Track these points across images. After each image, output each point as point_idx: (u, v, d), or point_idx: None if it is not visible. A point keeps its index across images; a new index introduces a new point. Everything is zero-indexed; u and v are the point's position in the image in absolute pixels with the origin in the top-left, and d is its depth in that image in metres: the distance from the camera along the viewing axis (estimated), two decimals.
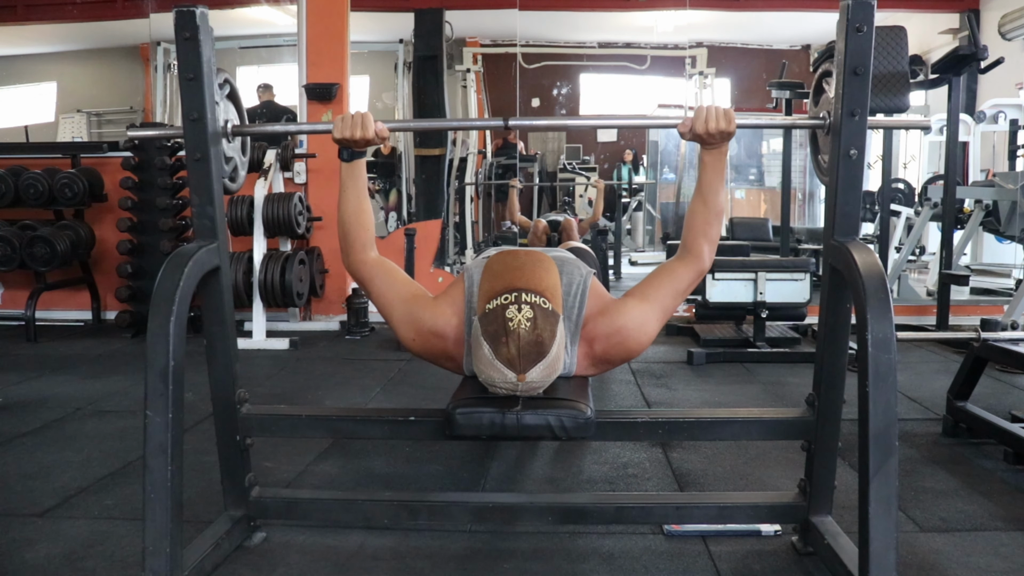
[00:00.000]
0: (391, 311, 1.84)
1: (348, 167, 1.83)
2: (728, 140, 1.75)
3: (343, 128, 1.75)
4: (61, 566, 1.80)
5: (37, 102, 7.69)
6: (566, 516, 1.92)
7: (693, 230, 1.81)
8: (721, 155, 1.78)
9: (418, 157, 6.27)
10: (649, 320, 1.80)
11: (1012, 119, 5.85)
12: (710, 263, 1.83)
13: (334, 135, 1.76)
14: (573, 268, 1.89)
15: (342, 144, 1.79)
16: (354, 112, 1.76)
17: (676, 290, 1.82)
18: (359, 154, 1.82)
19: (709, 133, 1.71)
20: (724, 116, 1.70)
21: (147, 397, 1.54)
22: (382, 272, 1.86)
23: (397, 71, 6.83)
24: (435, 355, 1.86)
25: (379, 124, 1.76)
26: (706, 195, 1.80)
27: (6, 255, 4.47)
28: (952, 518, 2.07)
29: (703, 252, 1.81)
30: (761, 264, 4.01)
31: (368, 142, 1.77)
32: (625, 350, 1.83)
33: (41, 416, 2.99)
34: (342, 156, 1.82)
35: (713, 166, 1.78)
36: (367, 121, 1.75)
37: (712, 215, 1.79)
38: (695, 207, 1.82)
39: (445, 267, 5.47)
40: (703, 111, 1.71)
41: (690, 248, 1.82)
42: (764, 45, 7.86)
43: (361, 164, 1.84)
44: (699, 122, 1.71)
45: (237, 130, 1.85)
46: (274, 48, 6.67)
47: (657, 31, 7.09)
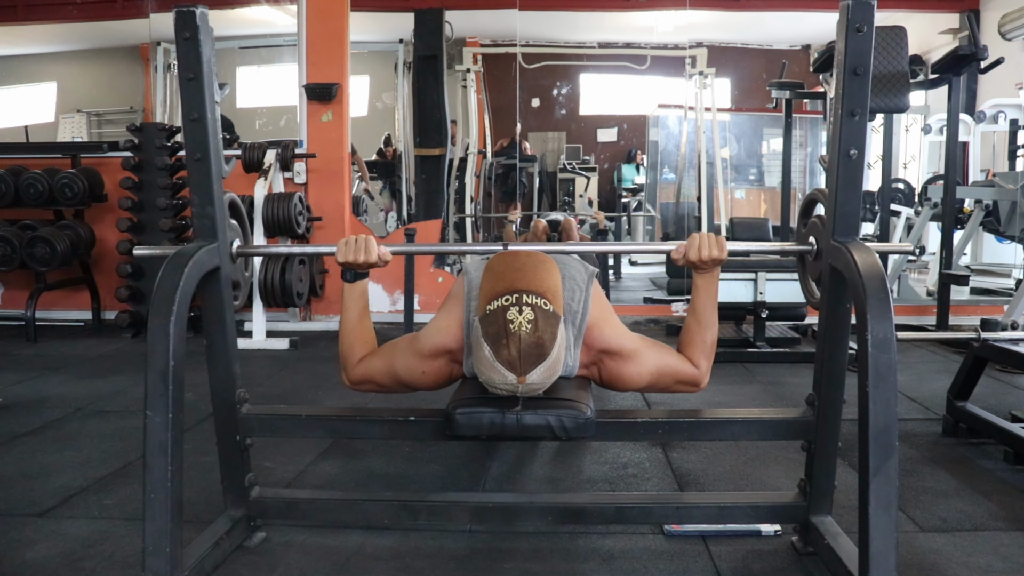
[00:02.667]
0: (396, 370, 1.85)
1: (350, 287, 1.87)
2: (720, 265, 1.83)
3: (346, 252, 1.79)
4: (61, 566, 1.80)
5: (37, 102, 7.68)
6: (566, 516, 1.92)
7: (691, 348, 1.87)
8: (713, 278, 1.85)
9: (418, 157, 6.26)
10: (647, 364, 1.85)
11: (1012, 119, 5.84)
12: (707, 378, 1.88)
13: (337, 259, 1.80)
14: (575, 270, 1.89)
15: (345, 267, 1.83)
16: (357, 237, 1.80)
17: (676, 371, 1.86)
18: (362, 275, 1.87)
19: (702, 260, 1.79)
20: (716, 244, 1.78)
21: (147, 397, 1.54)
22: (380, 361, 1.87)
23: (397, 71, 6.83)
24: (448, 371, 1.87)
25: (382, 248, 1.81)
26: (700, 316, 1.86)
27: (6, 255, 4.47)
28: (952, 518, 2.07)
29: (701, 367, 1.86)
30: (761, 264, 4.01)
31: (370, 265, 1.81)
32: (615, 372, 1.85)
33: (41, 416, 2.99)
34: (345, 277, 1.86)
35: (706, 289, 1.85)
36: (370, 246, 1.79)
37: (708, 341, 1.86)
38: (690, 326, 1.88)
39: (445, 267, 5.46)
40: (695, 240, 1.79)
41: (690, 358, 1.87)
42: (764, 45, 7.85)
43: (364, 284, 1.89)
44: (692, 250, 1.79)
45: (241, 251, 1.87)
46: (274, 48, 6.66)
47: (657, 31, 7.08)
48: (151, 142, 4.59)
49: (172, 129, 4.66)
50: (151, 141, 4.59)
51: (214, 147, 1.74)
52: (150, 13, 6.22)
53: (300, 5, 4.97)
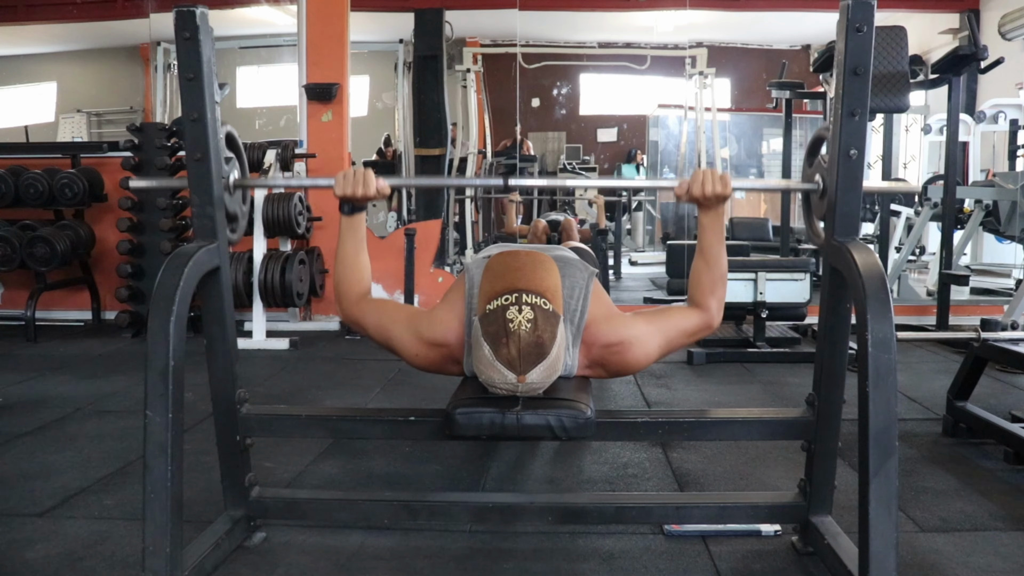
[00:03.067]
0: (390, 336, 1.85)
1: (348, 220, 1.86)
2: (724, 202, 1.79)
3: (344, 185, 1.78)
4: (61, 566, 1.80)
5: (37, 102, 7.69)
6: (566, 516, 1.92)
7: (700, 289, 1.84)
8: (718, 216, 1.81)
9: (418, 157, 6.26)
10: (652, 343, 1.82)
11: (1012, 119, 5.84)
12: (719, 320, 1.84)
13: (335, 191, 1.80)
14: (575, 270, 1.89)
15: (343, 200, 1.82)
16: (356, 169, 1.80)
17: (683, 330, 1.83)
18: (359, 208, 1.86)
19: (705, 196, 1.75)
20: (720, 180, 1.74)
21: (147, 397, 1.54)
22: (374, 307, 1.88)
23: (397, 71, 6.83)
24: (441, 363, 1.87)
25: (380, 181, 1.80)
26: (708, 257, 1.82)
27: (6, 255, 4.47)
28: (952, 518, 2.07)
29: (711, 308, 1.83)
30: (761, 264, 4.01)
31: (368, 199, 1.81)
32: (622, 362, 1.84)
33: (41, 416, 2.99)
34: (343, 210, 1.85)
35: (712, 227, 1.81)
36: (368, 178, 1.78)
37: (717, 276, 1.82)
38: (698, 268, 1.84)
39: (445, 267, 5.46)
40: (699, 175, 1.75)
41: (698, 303, 1.84)
42: (764, 45, 7.85)
43: (361, 217, 1.88)
44: (696, 185, 1.76)
45: (239, 183, 1.87)
46: (274, 48, 6.67)
47: (657, 31, 7.08)
48: (151, 142, 4.59)
49: (172, 129, 4.66)
50: (151, 141, 4.59)
51: (214, 147, 1.74)
52: (150, 13, 6.22)
53: (300, 5, 4.97)
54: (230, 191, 1.84)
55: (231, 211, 1.86)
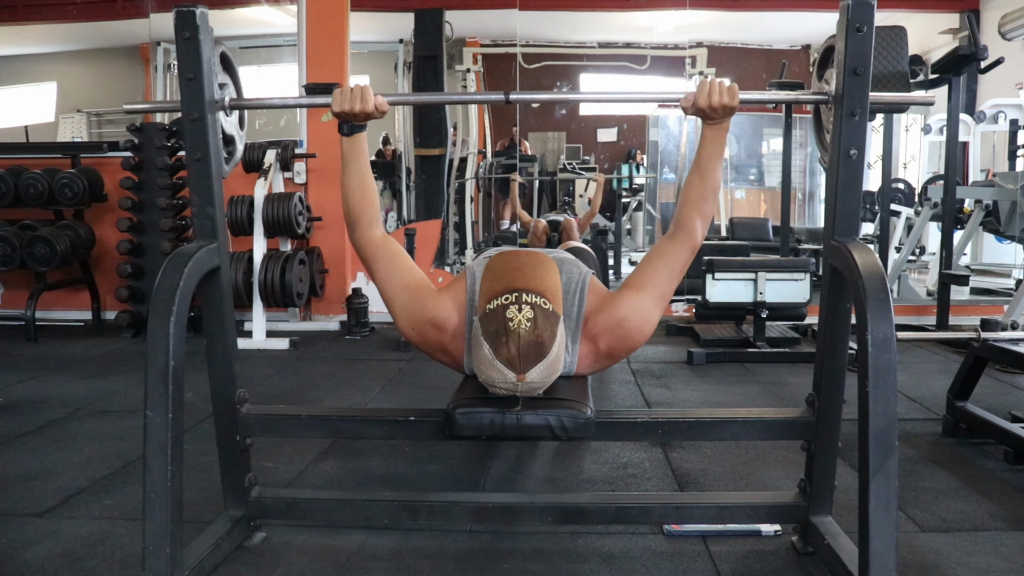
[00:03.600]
0: (393, 297, 1.83)
1: (349, 141, 1.81)
2: (731, 115, 1.73)
3: (342, 101, 1.73)
4: (61, 566, 1.80)
5: (37, 102, 7.68)
6: (566, 516, 1.92)
7: (688, 204, 1.79)
8: (723, 130, 1.76)
9: (418, 157, 6.27)
10: (648, 308, 1.79)
11: (1012, 119, 5.84)
12: (702, 238, 1.80)
13: (332, 108, 1.75)
14: (572, 267, 1.89)
15: (341, 118, 1.77)
16: (353, 86, 1.74)
17: (672, 272, 1.80)
18: (359, 128, 1.80)
19: (712, 107, 1.70)
20: (727, 90, 1.69)
21: (147, 397, 1.54)
22: (387, 255, 1.84)
23: (397, 71, 6.83)
24: (431, 347, 1.86)
25: (379, 97, 1.74)
26: (704, 169, 1.78)
27: (6, 255, 4.47)
28: (952, 518, 2.07)
29: (695, 227, 1.79)
30: (761, 264, 4.00)
31: (367, 115, 1.75)
32: (629, 342, 1.82)
33: (41, 416, 2.99)
34: (342, 130, 1.80)
35: (714, 140, 1.77)
36: (366, 94, 1.73)
37: (708, 190, 1.78)
38: (692, 180, 1.80)
39: (445, 267, 5.46)
40: (706, 84, 1.70)
41: (683, 223, 1.80)
42: (764, 45, 7.85)
43: (362, 138, 1.82)
44: (702, 96, 1.70)
45: (235, 103, 1.84)
46: (274, 48, 6.66)
47: (657, 31, 7.08)
48: (151, 142, 4.59)
49: (172, 129, 4.66)
50: (151, 141, 4.59)
51: (214, 147, 1.74)
52: (150, 13, 6.21)
53: (300, 5, 4.97)
54: (226, 111, 1.82)
55: (227, 132, 1.84)
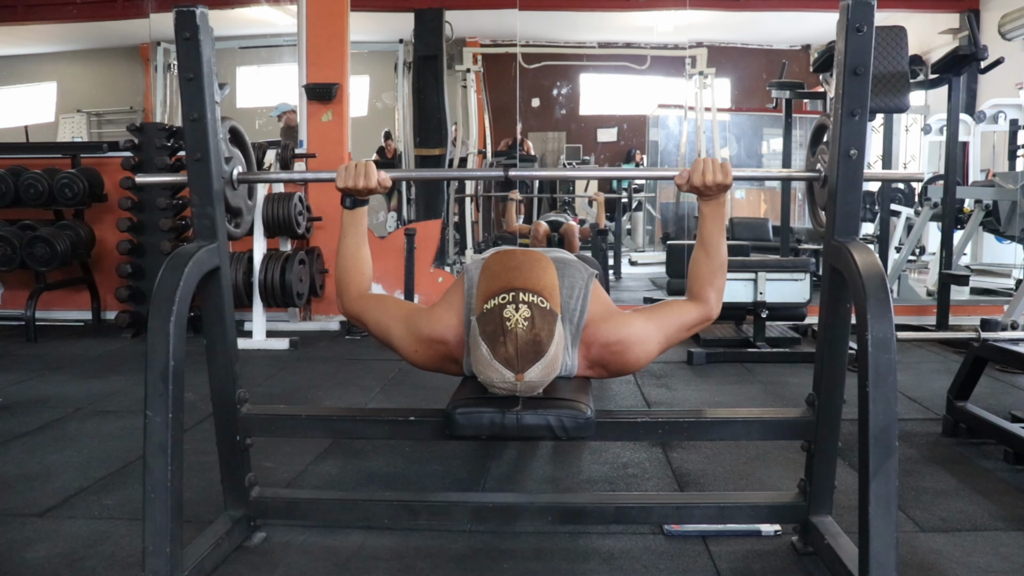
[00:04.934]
0: (390, 332, 1.85)
1: (350, 214, 1.86)
2: (726, 191, 1.78)
3: (346, 178, 1.78)
4: (61, 566, 1.80)
5: (37, 102, 7.68)
6: (566, 516, 1.92)
7: (699, 280, 1.83)
8: (719, 206, 1.80)
9: (418, 157, 6.26)
10: (651, 340, 1.82)
11: (1012, 119, 5.84)
12: (718, 311, 1.84)
13: (337, 184, 1.80)
14: (574, 270, 1.89)
15: (345, 192, 1.82)
16: (357, 162, 1.79)
17: (683, 323, 1.83)
18: (361, 202, 1.86)
19: (706, 185, 1.74)
20: (721, 169, 1.73)
21: (147, 397, 1.54)
22: (375, 302, 1.89)
23: (397, 71, 6.83)
24: (440, 362, 1.87)
25: (382, 174, 1.80)
26: (708, 246, 1.82)
27: (6, 255, 4.47)
28: (952, 518, 2.07)
29: (710, 300, 1.83)
30: (761, 264, 4.00)
31: (370, 191, 1.80)
32: (622, 362, 1.84)
33: (41, 416, 2.99)
34: (344, 204, 1.85)
35: (712, 217, 1.81)
36: (370, 171, 1.78)
37: (716, 266, 1.82)
38: (698, 258, 1.84)
39: (445, 267, 5.46)
40: (700, 164, 1.75)
41: (698, 295, 1.84)
42: (764, 45, 7.85)
43: (363, 211, 1.88)
44: (696, 175, 1.75)
45: (243, 178, 1.87)
46: (274, 48, 6.67)
47: (657, 31, 7.08)
48: (151, 142, 4.58)
49: (172, 129, 4.66)
50: (151, 141, 4.59)
51: (214, 147, 1.74)
52: (150, 13, 6.22)
53: (300, 5, 4.97)
54: (233, 185, 1.84)
55: (235, 206, 1.86)
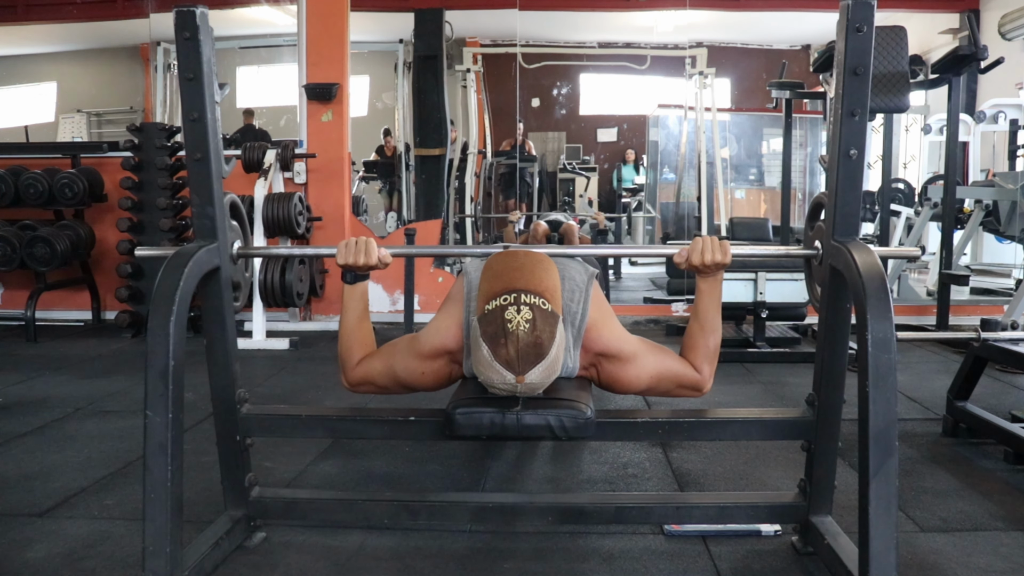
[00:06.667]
0: (396, 371, 1.84)
1: (351, 289, 1.86)
2: (723, 269, 1.81)
3: (347, 255, 1.79)
4: (61, 566, 1.80)
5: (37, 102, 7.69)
6: (566, 516, 1.92)
7: (694, 352, 1.84)
8: (716, 282, 1.82)
9: (418, 157, 6.27)
10: (645, 369, 1.82)
11: (1012, 119, 5.84)
12: (710, 386, 1.85)
13: (338, 261, 1.80)
14: (575, 271, 1.89)
15: (346, 268, 1.82)
16: (357, 239, 1.80)
17: (677, 376, 1.84)
18: (362, 277, 1.87)
19: (705, 264, 1.77)
20: (719, 248, 1.77)
21: (147, 397, 1.54)
22: (379, 361, 1.87)
23: (397, 71, 6.83)
24: (448, 371, 1.86)
25: (382, 251, 1.81)
26: (703, 321, 1.83)
27: (6, 255, 4.47)
28: (952, 518, 2.07)
29: (704, 373, 1.84)
30: (761, 264, 4.00)
31: (370, 268, 1.81)
32: (613, 375, 1.84)
33: (41, 416, 2.99)
34: (345, 279, 1.86)
35: (709, 293, 1.83)
36: (370, 248, 1.79)
37: (712, 345, 1.84)
38: (693, 330, 1.85)
39: (445, 267, 5.46)
40: (699, 243, 1.78)
41: (693, 364, 1.84)
42: (764, 45, 7.85)
43: (364, 286, 1.88)
44: (695, 254, 1.78)
45: (243, 252, 1.87)
46: (274, 48, 6.67)
47: (657, 31, 7.08)
48: (151, 142, 4.59)
49: (172, 129, 4.66)
50: (151, 141, 4.59)
51: (214, 147, 1.74)
52: (150, 13, 6.22)
53: (300, 5, 4.97)
54: (233, 261, 1.84)
55: (234, 280, 1.86)
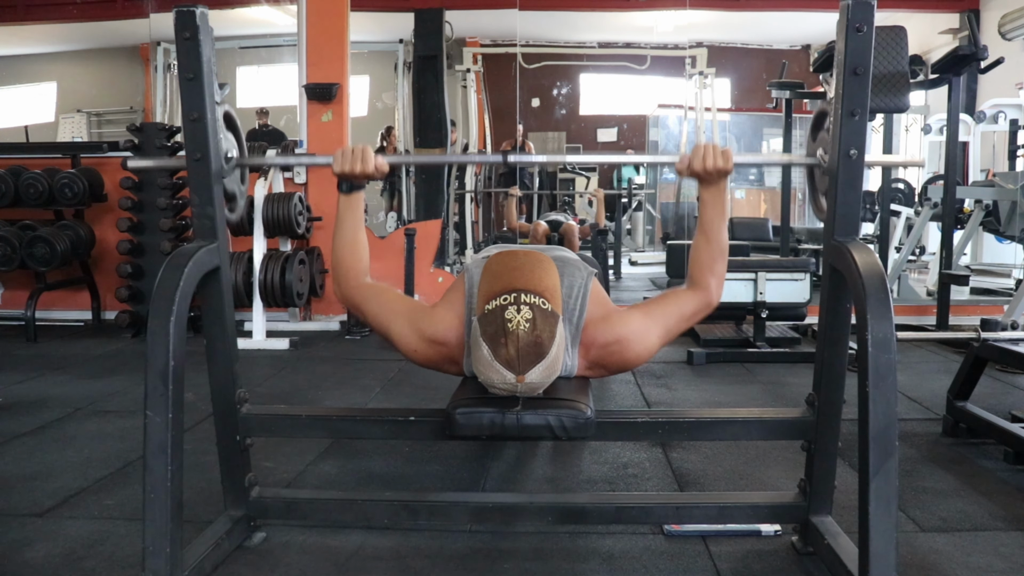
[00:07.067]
0: (389, 327, 1.83)
1: (346, 199, 1.84)
2: (726, 177, 1.77)
3: (343, 162, 1.77)
4: (61, 566, 1.80)
5: (37, 102, 7.69)
6: (566, 516, 1.92)
7: (699, 266, 1.82)
8: (720, 192, 1.79)
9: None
10: (650, 335, 1.80)
11: (1012, 119, 5.85)
12: (718, 298, 1.82)
13: (334, 168, 1.78)
14: (574, 269, 1.89)
15: (342, 177, 1.80)
16: (354, 146, 1.77)
17: (682, 314, 1.82)
18: (358, 187, 1.84)
19: (707, 171, 1.73)
20: (721, 154, 1.72)
21: (147, 397, 1.54)
22: (375, 293, 1.86)
23: (397, 71, 6.83)
24: (439, 362, 1.86)
25: (379, 159, 1.78)
26: (708, 233, 1.80)
27: (6, 255, 4.47)
28: (952, 518, 2.07)
29: (710, 287, 1.81)
30: (761, 264, 4.00)
31: (368, 176, 1.79)
32: (621, 360, 1.83)
33: (41, 416, 2.99)
34: (341, 188, 1.84)
35: (713, 203, 1.79)
36: (367, 155, 1.76)
37: (717, 252, 1.80)
38: (699, 244, 1.82)
39: (445, 267, 5.46)
40: (700, 149, 1.73)
41: (698, 282, 1.82)
42: (764, 45, 7.85)
43: (360, 196, 1.86)
44: (696, 160, 1.74)
45: (238, 162, 1.86)
46: (274, 48, 6.68)
47: (657, 31, 7.09)
48: (151, 142, 4.58)
49: (172, 129, 4.66)
50: (151, 141, 4.58)
51: (214, 147, 1.74)
52: (150, 13, 6.22)
53: (300, 5, 4.97)
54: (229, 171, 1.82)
55: (229, 190, 1.85)
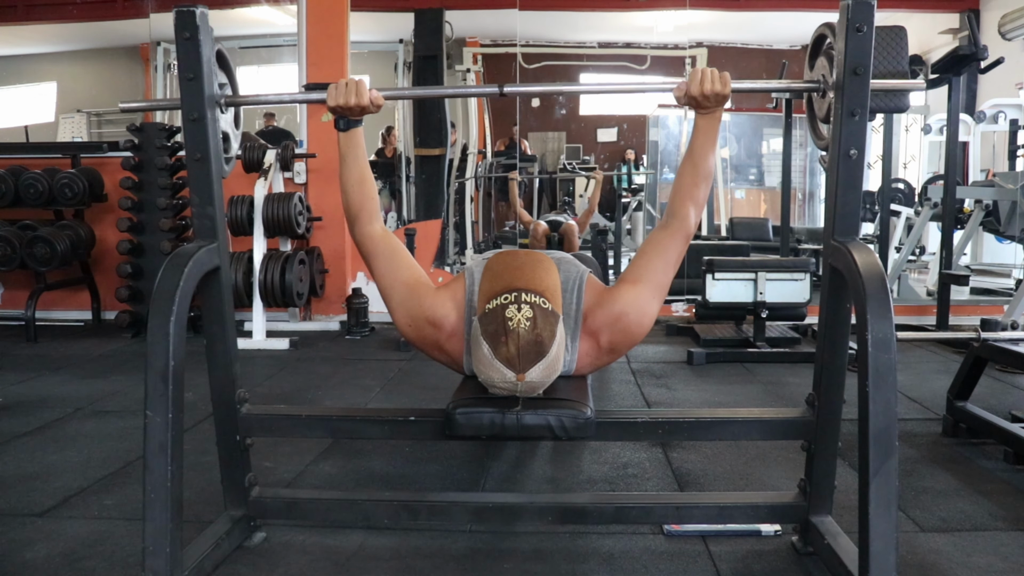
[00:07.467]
0: (391, 293, 1.83)
1: (346, 136, 1.80)
2: (723, 104, 1.74)
3: (337, 96, 1.73)
4: (61, 566, 1.80)
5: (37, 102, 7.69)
6: (566, 516, 1.92)
7: (680, 192, 1.79)
8: (715, 120, 1.77)
9: (418, 157, 6.27)
10: (647, 300, 1.79)
11: (1012, 119, 5.85)
12: (695, 226, 1.81)
13: (328, 103, 1.74)
14: (570, 266, 1.89)
15: (336, 112, 1.76)
16: (348, 79, 1.74)
17: (667, 262, 1.80)
18: (355, 123, 1.80)
19: (704, 95, 1.71)
20: (719, 78, 1.70)
21: (147, 397, 1.54)
22: (387, 250, 1.84)
23: (397, 71, 6.83)
24: (428, 344, 1.85)
25: (374, 92, 1.74)
26: (696, 158, 1.78)
27: (6, 255, 4.47)
28: (952, 518, 2.07)
29: (689, 214, 1.79)
30: (761, 264, 4.00)
31: (363, 110, 1.75)
32: (629, 335, 1.81)
33: (41, 416, 2.99)
34: (338, 125, 1.80)
35: (706, 130, 1.77)
36: (361, 88, 1.73)
37: (701, 177, 1.78)
38: (684, 170, 1.80)
39: (445, 267, 5.46)
40: (698, 73, 1.71)
41: (676, 211, 1.80)
42: (764, 45, 7.85)
43: (358, 133, 1.82)
44: (694, 84, 1.71)
45: (231, 100, 1.83)
46: (274, 48, 6.67)
47: (657, 31, 7.09)
48: (151, 142, 4.59)
49: (172, 129, 4.66)
50: (151, 141, 4.59)
51: (214, 147, 1.74)
52: (150, 13, 6.22)
53: (300, 5, 4.97)
54: (222, 109, 1.81)
55: (223, 130, 1.84)
